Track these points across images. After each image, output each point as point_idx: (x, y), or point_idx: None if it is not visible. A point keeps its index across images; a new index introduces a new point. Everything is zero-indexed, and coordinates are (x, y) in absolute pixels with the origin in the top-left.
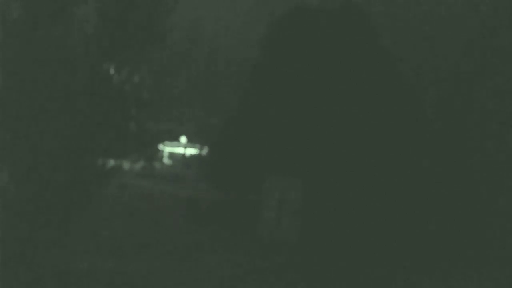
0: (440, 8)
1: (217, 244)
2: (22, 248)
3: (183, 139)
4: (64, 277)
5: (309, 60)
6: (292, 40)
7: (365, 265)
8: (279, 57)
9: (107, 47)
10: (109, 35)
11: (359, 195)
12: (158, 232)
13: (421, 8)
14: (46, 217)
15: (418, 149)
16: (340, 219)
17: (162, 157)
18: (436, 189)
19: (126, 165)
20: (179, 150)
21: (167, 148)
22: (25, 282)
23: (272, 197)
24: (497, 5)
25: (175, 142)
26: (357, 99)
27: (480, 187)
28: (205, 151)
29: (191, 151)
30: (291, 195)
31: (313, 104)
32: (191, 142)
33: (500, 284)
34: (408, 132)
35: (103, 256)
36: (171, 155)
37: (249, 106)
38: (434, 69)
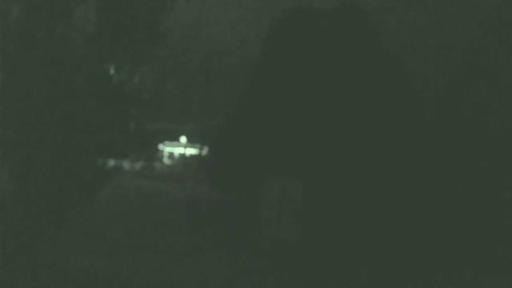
0: (440, 8)
1: (217, 244)
2: (22, 248)
3: (183, 139)
4: (63, 277)
5: (309, 60)
6: (292, 40)
7: (366, 264)
8: (279, 56)
9: (107, 47)
10: (109, 35)
11: (360, 195)
12: (158, 232)
13: (421, 8)
14: (46, 217)
15: (418, 149)
16: (341, 219)
17: (162, 157)
18: (437, 189)
19: (126, 165)
20: (179, 150)
21: (167, 148)
22: (25, 281)
23: (272, 197)
24: (497, 5)
25: (175, 142)
26: (357, 99)
27: (480, 187)
28: (205, 151)
29: (191, 151)
30: (291, 195)
31: (313, 103)
32: (191, 142)
33: (500, 284)
34: (408, 132)
35: (102, 256)
36: (171, 155)
37: (249, 106)
38: (434, 68)
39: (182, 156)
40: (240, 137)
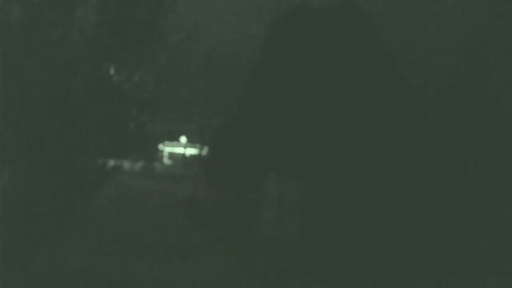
0: (440, 8)
1: (217, 244)
2: (22, 248)
3: (183, 139)
4: (63, 277)
5: (309, 60)
6: (292, 40)
7: (367, 264)
8: (279, 56)
9: (107, 47)
10: (109, 35)
11: (361, 194)
12: (158, 232)
13: (422, 8)
14: (46, 217)
15: (419, 149)
16: (341, 219)
17: (162, 157)
18: (437, 189)
19: (126, 165)
20: (179, 150)
21: (167, 148)
22: (25, 282)
23: (272, 196)
24: (497, 5)
25: (175, 142)
26: (357, 99)
27: (480, 188)
28: (205, 151)
29: (191, 151)
30: (291, 195)
31: (313, 103)
32: (191, 142)
33: (500, 284)
34: (408, 132)
35: (102, 256)
36: (171, 155)
37: (249, 106)
38: (434, 68)
39: (182, 156)
40: (240, 137)
